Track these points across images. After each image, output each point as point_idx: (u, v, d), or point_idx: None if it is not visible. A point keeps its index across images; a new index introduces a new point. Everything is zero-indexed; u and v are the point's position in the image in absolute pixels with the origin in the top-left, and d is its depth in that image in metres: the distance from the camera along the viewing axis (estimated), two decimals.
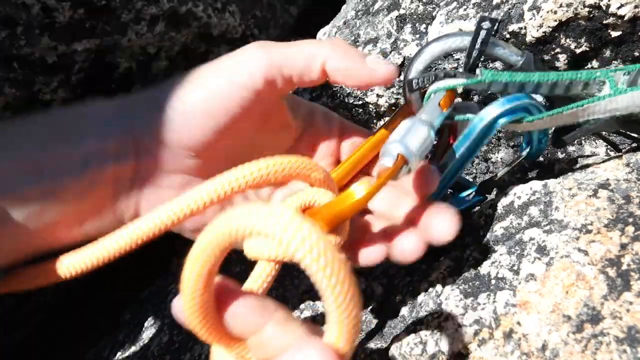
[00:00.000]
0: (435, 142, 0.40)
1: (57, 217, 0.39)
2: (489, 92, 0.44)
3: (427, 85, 0.43)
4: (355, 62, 0.40)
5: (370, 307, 0.50)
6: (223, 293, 0.30)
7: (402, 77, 0.58)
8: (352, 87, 0.47)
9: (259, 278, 0.36)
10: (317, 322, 0.47)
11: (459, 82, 0.41)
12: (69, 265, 0.38)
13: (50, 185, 0.38)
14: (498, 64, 0.51)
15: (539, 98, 0.43)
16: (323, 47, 0.40)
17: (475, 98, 0.55)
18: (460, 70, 0.43)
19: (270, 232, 0.26)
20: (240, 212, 0.27)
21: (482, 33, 0.40)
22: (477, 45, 0.40)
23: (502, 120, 0.41)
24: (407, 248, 0.37)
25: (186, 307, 0.28)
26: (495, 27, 0.40)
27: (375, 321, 0.48)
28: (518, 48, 0.49)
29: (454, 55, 0.53)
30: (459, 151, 0.43)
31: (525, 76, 0.40)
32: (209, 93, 0.39)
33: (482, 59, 0.42)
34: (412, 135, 0.37)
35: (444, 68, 0.52)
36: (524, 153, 0.47)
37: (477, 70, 0.41)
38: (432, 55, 0.42)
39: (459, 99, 0.55)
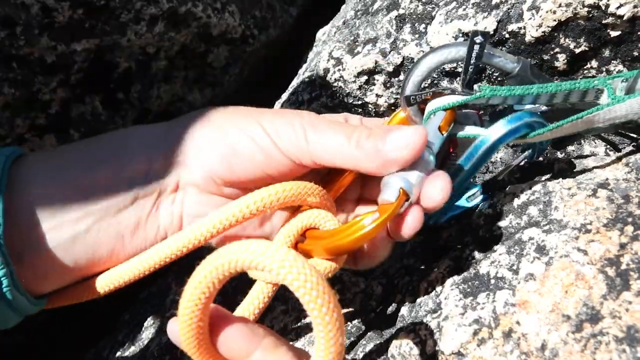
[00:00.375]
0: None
1: (103, 236, 0.40)
2: (488, 105, 0.44)
3: (425, 98, 0.43)
4: (378, 161, 0.38)
5: (370, 306, 0.50)
6: (216, 319, 0.32)
7: (401, 76, 0.58)
8: None
9: (257, 297, 0.40)
10: None
11: (457, 101, 0.41)
12: (105, 282, 0.41)
13: (96, 207, 0.39)
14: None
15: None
16: (354, 152, 0.39)
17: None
18: (458, 86, 0.44)
19: (267, 268, 0.29)
20: (238, 248, 0.29)
21: (476, 48, 0.40)
22: (472, 60, 0.41)
23: (504, 140, 0.42)
24: (410, 221, 0.38)
25: (182, 331, 0.30)
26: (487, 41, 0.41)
27: (374, 321, 0.48)
28: (514, 54, 0.50)
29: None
30: (463, 170, 0.43)
31: (523, 89, 0.40)
32: (254, 151, 0.39)
33: (477, 74, 0.42)
34: (411, 167, 0.37)
35: (440, 84, 0.51)
36: (527, 153, 0.48)
37: (475, 86, 0.41)
38: (428, 67, 0.43)
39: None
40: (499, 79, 0.53)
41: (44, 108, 0.69)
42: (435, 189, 0.37)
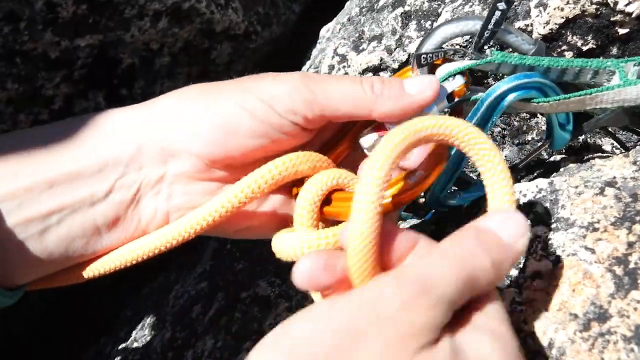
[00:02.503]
0: None
1: (77, 229, 0.37)
2: (498, 73, 0.43)
3: (435, 62, 0.42)
4: (400, 102, 0.38)
5: None
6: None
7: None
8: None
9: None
10: None
11: (468, 64, 0.40)
12: (93, 268, 0.39)
13: (67, 199, 0.37)
14: None
15: None
16: (369, 94, 0.37)
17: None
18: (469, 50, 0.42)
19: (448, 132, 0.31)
20: (422, 120, 0.30)
21: (497, 14, 0.39)
22: (491, 26, 0.39)
23: (511, 97, 0.40)
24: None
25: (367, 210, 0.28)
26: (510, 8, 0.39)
27: None
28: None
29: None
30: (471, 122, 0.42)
31: (535, 60, 0.39)
32: (241, 117, 0.37)
33: (492, 43, 0.42)
34: None
35: (453, 45, 0.50)
36: (547, 142, 0.46)
37: (487, 51, 0.40)
38: (444, 36, 0.42)
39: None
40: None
41: (47, 103, 0.69)
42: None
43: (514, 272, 0.39)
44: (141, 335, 0.68)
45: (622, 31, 0.45)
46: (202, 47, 0.83)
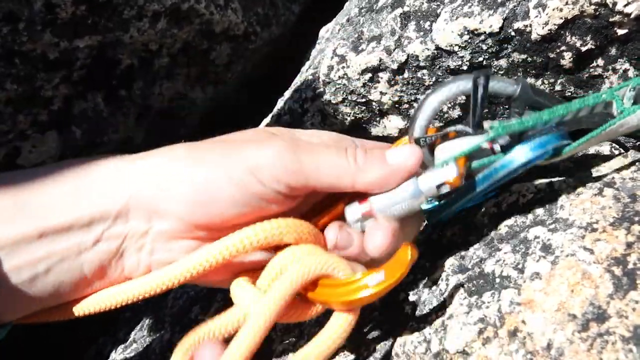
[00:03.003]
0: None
1: (64, 276, 0.39)
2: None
3: (433, 142, 0.42)
4: (381, 172, 0.39)
5: (373, 305, 0.50)
6: None
7: (405, 76, 0.58)
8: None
9: None
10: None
11: (470, 147, 0.40)
12: (82, 307, 0.41)
13: (56, 248, 0.38)
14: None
15: None
16: (352, 166, 0.38)
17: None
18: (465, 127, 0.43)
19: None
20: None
21: (480, 90, 0.39)
22: (479, 102, 0.40)
23: (529, 164, 0.40)
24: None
25: None
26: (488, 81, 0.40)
27: (378, 319, 0.48)
28: (520, 52, 0.49)
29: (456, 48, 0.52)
30: (477, 189, 0.41)
31: (534, 120, 0.39)
32: (224, 184, 0.38)
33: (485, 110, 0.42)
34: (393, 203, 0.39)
35: (453, 124, 0.50)
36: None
37: (486, 125, 0.40)
38: (433, 109, 0.42)
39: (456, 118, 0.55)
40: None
41: (46, 104, 0.69)
42: (376, 239, 0.40)
43: (513, 272, 0.39)
44: (140, 336, 0.68)
45: (620, 32, 0.45)
46: (201, 48, 0.83)
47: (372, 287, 0.36)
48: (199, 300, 0.64)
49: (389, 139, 0.65)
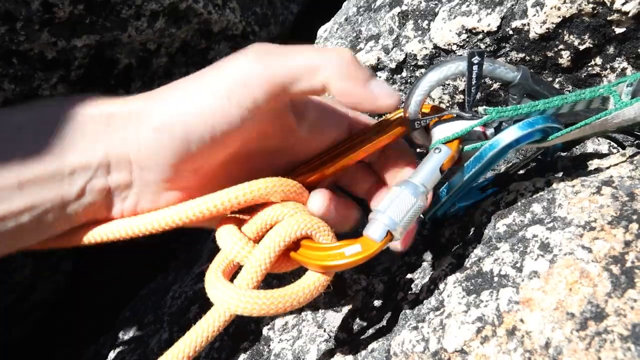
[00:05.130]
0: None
1: (52, 227, 0.39)
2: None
3: (430, 123, 0.42)
4: (357, 86, 0.38)
5: (372, 304, 0.50)
6: None
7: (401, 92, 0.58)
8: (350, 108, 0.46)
9: None
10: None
11: (464, 129, 0.40)
12: (92, 235, 0.41)
13: (38, 199, 0.37)
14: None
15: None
16: (327, 61, 0.38)
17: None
18: (457, 109, 0.43)
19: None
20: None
21: (475, 68, 0.39)
22: (474, 81, 0.40)
23: (514, 144, 0.40)
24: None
25: None
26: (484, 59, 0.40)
27: (376, 318, 0.48)
28: (518, 50, 0.49)
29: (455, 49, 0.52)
30: (468, 173, 0.42)
31: (529, 107, 0.39)
32: (201, 110, 0.37)
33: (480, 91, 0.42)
34: (400, 206, 0.38)
35: (448, 107, 0.50)
36: (541, 149, 0.46)
37: (480, 109, 0.41)
38: (430, 85, 0.42)
39: (452, 107, 0.55)
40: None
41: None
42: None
43: (511, 271, 0.39)
44: (139, 335, 0.68)
45: (618, 30, 0.45)
46: (200, 47, 0.83)
47: (348, 256, 0.38)
48: (197, 300, 0.64)
49: None
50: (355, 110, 0.46)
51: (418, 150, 0.53)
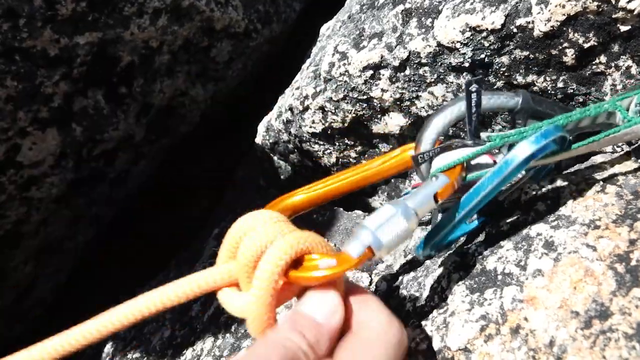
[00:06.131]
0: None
1: None
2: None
3: (434, 156, 0.42)
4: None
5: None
6: None
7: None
8: None
9: None
10: None
11: (464, 156, 0.40)
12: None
13: None
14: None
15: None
16: None
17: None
18: (465, 137, 0.42)
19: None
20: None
21: (474, 97, 0.39)
22: (473, 110, 0.40)
23: (533, 160, 0.39)
24: None
25: None
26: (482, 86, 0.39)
27: None
28: (522, 49, 0.49)
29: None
30: (483, 191, 0.40)
31: (532, 128, 0.39)
32: None
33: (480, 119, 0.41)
34: (389, 227, 0.35)
35: (450, 138, 0.49)
36: (531, 172, 0.44)
37: (483, 135, 0.40)
38: (437, 130, 0.42)
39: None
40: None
41: (47, 101, 0.69)
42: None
43: (515, 269, 0.39)
44: (141, 333, 0.68)
45: (623, 28, 0.45)
46: (202, 45, 0.83)
47: (323, 269, 0.35)
48: (199, 297, 0.64)
49: (390, 137, 0.65)
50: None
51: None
